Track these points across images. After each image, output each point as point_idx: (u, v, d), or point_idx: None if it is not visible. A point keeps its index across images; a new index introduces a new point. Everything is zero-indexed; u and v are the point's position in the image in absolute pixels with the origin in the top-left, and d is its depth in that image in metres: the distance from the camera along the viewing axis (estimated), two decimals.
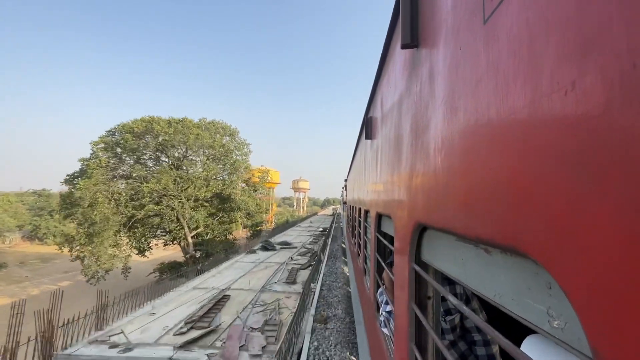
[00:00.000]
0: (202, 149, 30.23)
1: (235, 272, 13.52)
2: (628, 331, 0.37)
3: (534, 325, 0.61)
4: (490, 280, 0.78)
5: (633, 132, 0.36)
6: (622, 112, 0.37)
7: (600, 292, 0.41)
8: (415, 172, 1.43)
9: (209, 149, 30.49)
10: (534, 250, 0.55)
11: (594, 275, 0.42)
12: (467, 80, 0.84)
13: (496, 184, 0.67)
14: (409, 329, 1.46)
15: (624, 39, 0.38)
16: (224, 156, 31.47)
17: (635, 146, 0.36)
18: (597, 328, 0.42)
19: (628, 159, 0.37)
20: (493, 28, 0.70)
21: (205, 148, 30.22)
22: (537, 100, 0.54)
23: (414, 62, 1.48)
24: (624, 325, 0.38)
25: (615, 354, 0.39)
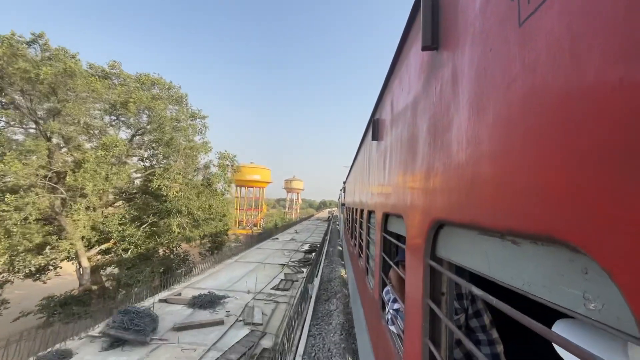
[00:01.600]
0: (103, 108, 18.85)
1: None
2: None
3: (566, 309, 0.65)
4: (518, 270, 0.82)
5: None
6: None
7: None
8: (433, 171, 1.47)
9: (120, 109, 18.92)
10: (574, 237, 0.59)
11: (638, 256, 0.46)
12: (498, 82, 0.89)
13: (532, 181, 0.71)
14: (423, 324, 1.49)
15: None
16: (158, 128, 20.20)
17: None
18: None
19: None
20: (530, 30, 0.75)
21: (112, 108, 18.92)
22: (580, 99, 0.58)
23: (434, 63, 1.53)
24: None
25: None
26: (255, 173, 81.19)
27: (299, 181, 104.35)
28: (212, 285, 12.73)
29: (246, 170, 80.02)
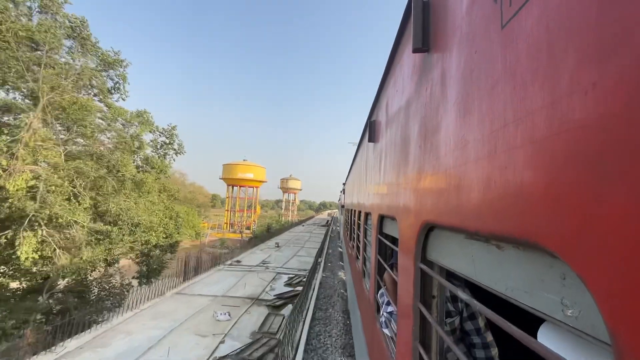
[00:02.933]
0: None
1: None
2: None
3: (546, 315, 0.64)
4: (501, 275, 0.81)
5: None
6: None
7: (617, 280, 0.44)
8: (423, 173, 1.46)
9: None
10: (551, 243, 0.58)
11: (611, 265, 0.45)
12: (483, 84, 0.88)
13: (514, 183, 0.70)
14: (414, 327, 1.48)
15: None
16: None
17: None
18: (615, 314, 0.45)
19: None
20: (511, 33, 0.74)
21: None
22: (557, 101, 0.57)
23: (425, 65, 1.52)
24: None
25: (633, 338, 0.42)
26: (248, 171, 74.90)
27: (296, 180, 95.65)
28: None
29: (238, 168, 74.00)
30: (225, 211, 75.02)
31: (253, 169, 76.28)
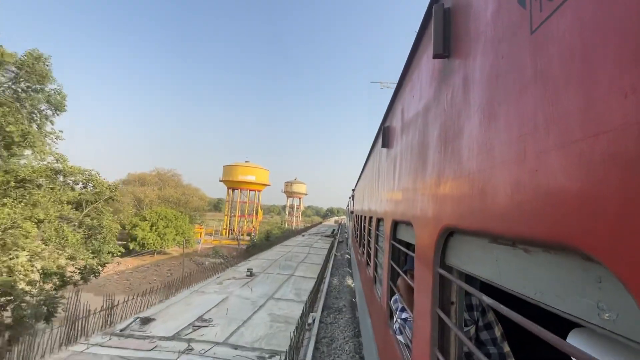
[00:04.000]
0: None
1: None
2: None
3: (580, 319, 0.63)
4: (530, 279, 0.81)
5: None
6: None
7: None
8: (443, 178, 1.46)
9: None
10: (587, 245, 0.58)
11: None
12: (510, 88, 0.89)
13: (546, 186, 0.71)
14: (432, 333, 1.47)
15: None
16: None
17: None
18: None
19: None
20: (542, 38, 0.75)
21: None
22: (593, 105, 0.58)
23: (445, 71, 1.53)
24: None
25: None
26: (249, 173, 68.87)
27: (301, 184, 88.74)
28: None
29: (239, 170, 68.13)
30: (224, 216, 69.64)
31: (255, 171, 70.83)
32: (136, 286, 28.50)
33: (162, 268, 37.78)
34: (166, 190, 56.14)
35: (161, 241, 41.87)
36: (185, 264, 39.29)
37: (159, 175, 60.66)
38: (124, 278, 32.73)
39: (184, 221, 46.04)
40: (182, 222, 45.54)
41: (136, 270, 36.00)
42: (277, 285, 13.39)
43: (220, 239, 61.63)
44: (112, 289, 27.63)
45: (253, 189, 72.54)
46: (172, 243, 43.55)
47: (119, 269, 35.36)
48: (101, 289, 27.27)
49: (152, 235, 40.99)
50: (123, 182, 55.85)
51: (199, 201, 62.29)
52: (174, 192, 56.28)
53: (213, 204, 64.45)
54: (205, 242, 58.99)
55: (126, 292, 23.32)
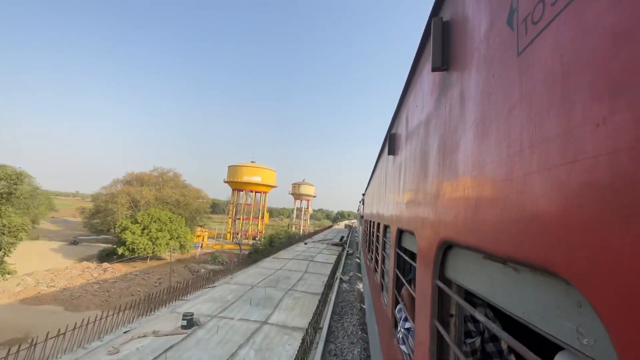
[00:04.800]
0: None
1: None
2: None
3: (563, 343, 0.63)
4: (518, 299, 0.81)
5: None
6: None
7: (629, 310, 0.45)
8: (442, 190, 1.46)
9: None
10: (566, 271, 0.58)
11: (624, 296, 0.46)
12: (500, 107, 0.90)
13: (530, 208, 0.71)
14: (431, 346, 1.46)
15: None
16: None
17: None
18: (627, 346, 0.45)
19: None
20: (527, 61, 0.76)
21: None
22: (570, 131, 0.59)
23: (444, 84, 1.54)
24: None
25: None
26: (255, 174, 65.49)
27: (309, 186, 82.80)
28: None
29: (244, 171, 65.11)
30: (228, 219, 65.40)
31: (261, 172, 67.50)
32: (115, 299, 25.87)
33: (151, 276, 33.58)
34: (165, 191, 52.76)
35: (153, 246, 37.90)
36: (179, 271, 35.97)
37: (159, 175, 57.32)
38: (105, 289, 28.82)
39: (180, 224, 42.50)
40: (177, 225, 41.96)
41: (122, 279, 32.00)
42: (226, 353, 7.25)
43: (224, 242, 57.89)
44: (87, 302, 25.08)
45: (259, 191, 68.86)
46: (165, 248, 39.23)
47: (104, 276, 32.25)
48: (74, 302, 25.08)
49: (143, 240, 37.29)
50: (120, 181, 53.58)
51: (201, 203, 58.62)
52: (173, 193, 52.86)
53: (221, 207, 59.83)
54: (207, 247, 55.36)
55: (101, 307, 21.83)
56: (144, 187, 52.27)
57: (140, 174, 55.80)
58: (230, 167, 68.29)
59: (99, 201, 49.86)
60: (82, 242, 50.06)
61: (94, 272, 33.29)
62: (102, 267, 35.09)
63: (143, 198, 48.60)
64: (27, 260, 33.30)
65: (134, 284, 30.58)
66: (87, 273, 32.71)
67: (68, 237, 57.04)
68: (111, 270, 34.45)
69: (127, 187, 51.23)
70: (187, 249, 43.02)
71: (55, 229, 70.04)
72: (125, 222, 38.17)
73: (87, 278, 31.39)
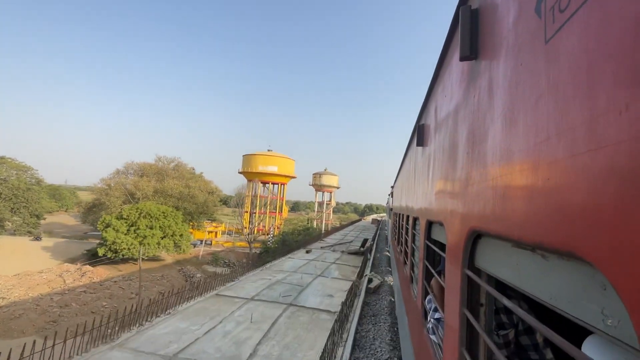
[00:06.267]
0: None
1: None
2: None
3: (589, 325, 0.65)
4: (546, 284, 0.83)
5: None
6: None
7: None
8: (471, 180, 1.47)
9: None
10: (590, 255, 0.60)
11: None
12: (528, 96, 0.90)
13: (556, 195, 0.73)
14: (460, 333, 1.49)
15: None
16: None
17: None
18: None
19: None
20: (554, 49, 0.76)
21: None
22: (595, 119, 0.60)
23: (473, 73, 1.53)
24: None
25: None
26: (271, 163, 58.80)
27: (331, 176, 71.96)
28: None
29: (259, 160, 59.05)
30: (244, 212, 56.85)
31: (278, 161, 60.11)
32: (67, 319, 19.67)
33: (134, 283, 26.96)
34: (166, 182, 45.73)
35: (140, 246, 30.98)
36: (170, 276, 30.23)
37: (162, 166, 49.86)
38: (63, 302, 22.03)
39: (176, 219, 35.75)
40: (173, 220, 35.16)
41: (95, 288, 25.51)
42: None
43: (236, 239, 51.01)
44: (26, 324, 18.31)
45: (276, 182, 62.13)
46: (155, 248, 32.79)
47: (77, 283, 26.50)
48: (10, 324, 18.22)
49: (127, 239, 31.09)
50: (118, 172, 46.89)
51: (209, 196, 50.43)
52: (175, 185, 45.73)
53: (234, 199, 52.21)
54: (216, 244, 50.06)
55: (42, 332, 17.06)
56: (143, 179, 46.10)
57: (142, 164, 49.21)
58: (245, 156, 62.50)
59: (95, 194, 44.70)
60: (91, 238, 45.99)
61: (70, 278, 27.46)
62: (81, 271, 28.93)
63: (140, 190, 42.66)
64: (4, 261, 29.21)
65: (105, 296, 24.48)
66: (62, 278, 27.17)
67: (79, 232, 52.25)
68: (90, 275, 28.39)
69: (122, 178, 45.78)
70: (183, 249, 36.46)
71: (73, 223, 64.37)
72: (109, 218, 32.41)
73: (55, 286, 25.68)
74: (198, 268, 35.73)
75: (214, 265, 37.25)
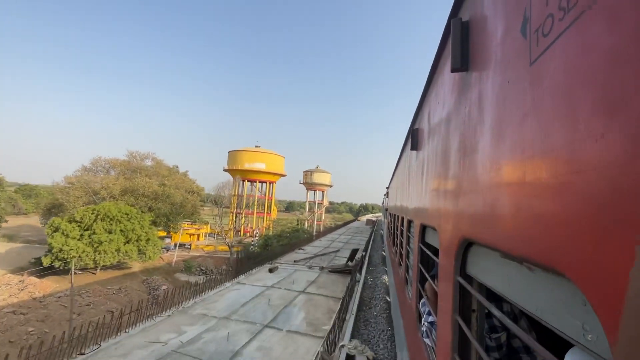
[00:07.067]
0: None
1: None
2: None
3: (571, 339, 0.68)
4: (532, 296, 0.86)
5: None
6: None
7: (621, 309, 0.50)
8: (463, 189, 1.50)
9: None
10: (570, 271, 0.63)
11: (615, 295, 0.51)
12: (514, 113, 0.93)
13: (540, 211, 0.76)
14: (452, 340, 1.52)
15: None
16: None
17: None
18: (619, 343, 0.50)
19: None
20: (538, 71, 0.79)
21: None
22: (574, 143, 0.63)
23: (464, 84, 1.56)
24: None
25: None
26: (258, 160, 53.78)
27: (323, 173, 67.74)
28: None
29: (245, 156, 53.59)
30: (230, 213, 52.16)
31: (265, 157, 55.13)
32: None
33: (81, 298, 22.44)
34: (137, 180, 39.25)
35: (95, 254, 26.58)
36: (129, 289, 25.58)
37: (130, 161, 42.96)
38: None
39: (142, 222, 30.82)
40: (137, 223, 30.25)
41: (30, 307, 20.38)
42: None
43: (220, 242, 45.29)
44: None
45: (264, 180, 56.70)
46: (114, 256, 27.76)
47: (15, 298, 21.60)
48: None
49: (79, 245, 25.98)
50: (84, 169, 40.43)
51: (189, 195, 44.35)
52: (148, 183, 39.25)
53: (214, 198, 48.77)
54: (196, 248, 44.74)
55: None
56: (110, 176, 40.40)
57: (111, 160, 42.52)
58: (230, 153, 56.89)
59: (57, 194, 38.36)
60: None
61: (6, 292, 22.76)
62: (23, 284, 24.28)
63: (106, 189, 36.88)
64: None
65: (37, 317, 19.30)
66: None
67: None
68: (31, 289, 23.69)
69: (84, 176, 39.04)
70: (149, 256, 30.79)
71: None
72: (58, 221, 27.17)
73: None
74: (168, 277, 31.07)
75: (187, 273, 32.77)
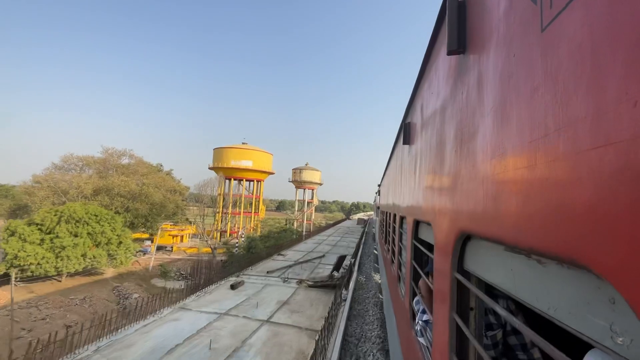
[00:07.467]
0: None
1: None
2: None
3: (593, 341, 0.59)
4: (543, 293, 0.76)
5: None
6: None
7: None
8: (460, 180, 1.41)
9: None
10: (597, 264, 0.54)
11: None
12: (522, 89, 0.84)
13: (556, 196, 0.66)
14: (450, 339, 1.43)
15: None
16: None
17: None
18: None
19: None
20: (552, 36, 0.70)
21: None
22: (603, 111, 0.53)
23: (460, 68, 1.47)
24: None
25: None
26: (245, 157, 50.57)
27: (313, 171, 64.24)
28: None
29: (230, 154, 50.40)
30: (215, 213, 49.14)
31: (252, 155, 51.59)
32: None
33: (37, 311, 19.42)
34: (111, 179, 35.48)
35: (56, 260, 23.11)
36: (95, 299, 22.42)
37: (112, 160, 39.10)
38: None
39: (113, 224, 27.80)
40: (108, 225, 27.17)
41: None
42: None
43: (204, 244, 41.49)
44: None
45: (251, 178, 53.42)
46: (79, 262, 24.23)
47: None
48: None
49: (38, 250, 22.52)
50: (56, 167, 36.21)
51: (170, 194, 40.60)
52: (123, 182, 35.37)
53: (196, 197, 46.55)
54: (177, 250, 41.77)
55: None
56: (80, 175, 36.07)
57: (84, 158, 38.12)
58: (215, 150, 52.58)
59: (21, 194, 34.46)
60: None
61: None
62: None
63: (76, 189, 32.63)
64: None
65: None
66: None
67: None
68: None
69: (54, 174, 34.60)
70: (120, 260, 27.58)
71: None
72: (15, 224, 23.53)
73: None
74: (143, 284, 28.07)
75: (164, 279, 29.36)
